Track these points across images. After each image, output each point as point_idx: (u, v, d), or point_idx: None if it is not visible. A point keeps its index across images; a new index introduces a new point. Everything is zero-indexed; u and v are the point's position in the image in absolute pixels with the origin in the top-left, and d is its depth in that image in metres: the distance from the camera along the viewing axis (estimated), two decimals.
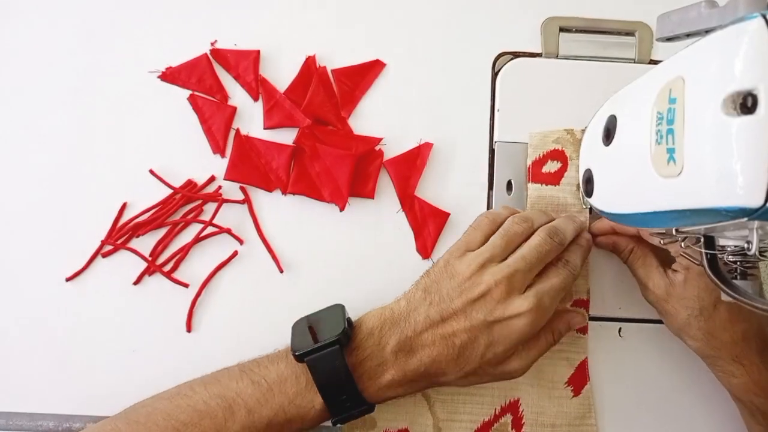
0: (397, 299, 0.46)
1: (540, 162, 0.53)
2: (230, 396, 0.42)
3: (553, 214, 0.51)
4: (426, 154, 0.54)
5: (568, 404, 0.51)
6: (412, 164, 0.54)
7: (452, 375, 0.44)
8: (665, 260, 0.48)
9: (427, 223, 0.53)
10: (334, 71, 0.55)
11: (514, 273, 0.44)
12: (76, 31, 0.56)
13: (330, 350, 0.42)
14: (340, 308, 0.46)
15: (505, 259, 0.45)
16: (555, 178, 0.52)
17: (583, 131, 0.50)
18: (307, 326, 0.45)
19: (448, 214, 0.53)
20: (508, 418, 0.51)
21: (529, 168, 0.53)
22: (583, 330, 0.52)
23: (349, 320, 0.45)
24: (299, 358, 0.42)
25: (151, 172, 0.53)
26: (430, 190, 0.54)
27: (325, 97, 0.54)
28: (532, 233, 0.47)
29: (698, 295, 0.45)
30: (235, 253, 0.52)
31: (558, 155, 0.53)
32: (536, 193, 0.52)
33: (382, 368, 0.43)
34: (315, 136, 0.54)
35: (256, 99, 0.55)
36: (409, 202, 0.53)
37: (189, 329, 0.51)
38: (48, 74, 0.55)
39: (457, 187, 0.54)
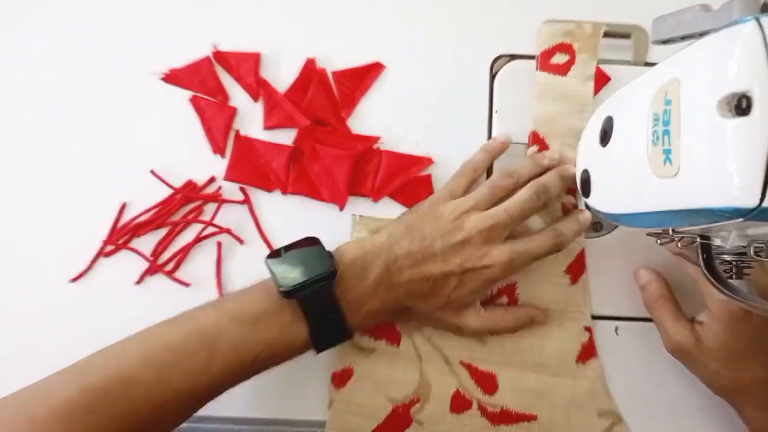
0: (377, 231, 0.48)
1: (549, 53, 0.54)
2: (211, 333, 0.41)
3: (559, 99, 0.53)
4: (422, 167, 0.54)
5: (566, 291, 0.52)
6: (406, 170, 0.54)
7: (420, 310, 0.47)
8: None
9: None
10: (334, 73, 0.55)
11: (495, 225, 0.45)
12: (78, 32, 0.56)
13: (321, 285, 0.43)
14: (317, 241, 0.46)
15: (488, 209, 0.47)
16: (563, 69, 0.53)
17: (593, 25, 0.53)
18: (288, 261, 0.44)
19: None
20: (503, 300, 0.52)
21: (538, 57, 0.54)
22: None
23: (329, 252, 0.46)
24: (288, 294, 0.42)
25: (153, 172, 0.53)
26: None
27: (325, 98, 0.54)
28: (519, 188, 0.48)
29: (726, 344, 0.45)
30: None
31: (566, 48, 0.54)
32: (544, 80, 0.53)
33: (363, 299, 0.44)
34: (314, 137, 0.54)
35: (256, 100, 0.55)
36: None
37: None
38: (50, 76, 0.55)
39: None
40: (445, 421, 0.51)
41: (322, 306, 0.43)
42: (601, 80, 0.54)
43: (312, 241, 0.46)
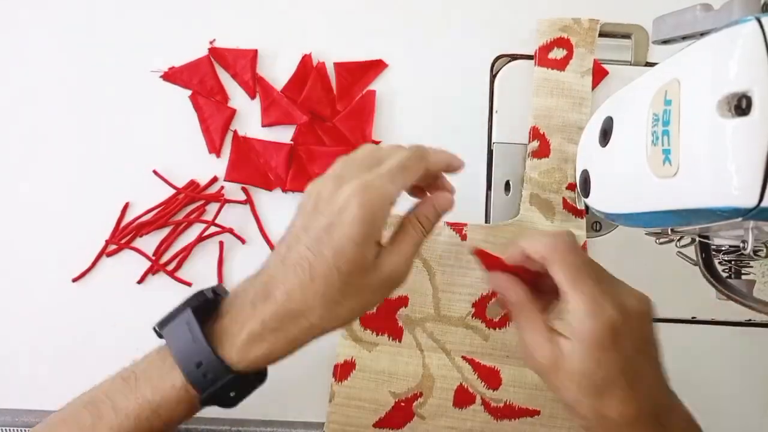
0: None
1: (547, 48, 0.54)
2: (99, 398, 0.38)
3: (557, 94, 0.53)
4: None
5: None
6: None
7: (319, 309, 0.37)
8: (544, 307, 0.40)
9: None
10: (335, 64, 0.55)
11: (342, 168, 0.38)
12: (78, 32, 0.56)
13: (181, 316, 0.38)
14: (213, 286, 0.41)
15: None
16: (560, 64, 0.54)
17: (590, 20, 0.53)
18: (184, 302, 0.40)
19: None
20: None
21: (535, 52, 0.54)
22: (580, 214, 0.52)
23: (224, 291, 0.41)
24: (157, 333, 0.38)
25: (155, 172, 0.54)
26: None
27: (323, 92, 0.55)
28: None
29: (592, 372, 0.36)
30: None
31: (564, 43, 0.54)
32: (542, 75, 0.54)
33: (240, 324, 0.37)
34: (312, 133, 0.54)
35: (253, 97, 0.55)
36: None
37: None
38: (50, 75, 0.55)
39: (456, 188, 0.54)
40: (448, 416, 0.51)
41: (184, 337, 0.37)
42: (600, 74, 0.54)
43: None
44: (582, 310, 0.36)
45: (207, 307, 0.39)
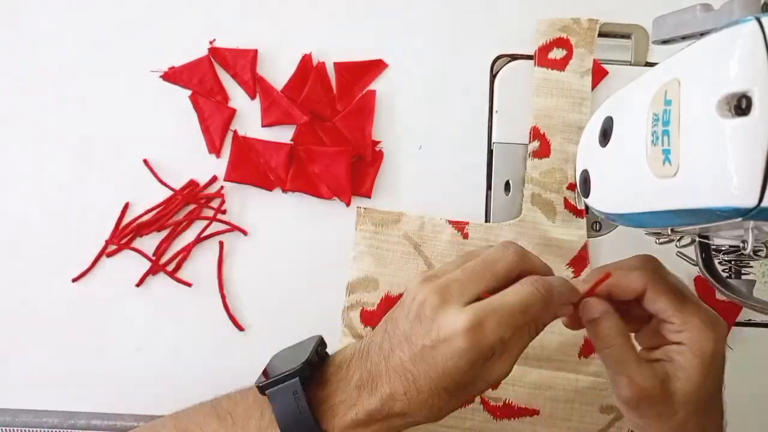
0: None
1: (546, 48, 0.54)
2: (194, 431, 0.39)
3: (557, 94, 0.53)
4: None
5: None
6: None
7: (425, 413, 0.37)
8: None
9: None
10: (335, 64, 0.55)
11: (450, 283, 0.36)
12: (78, 32, 0.56)
13: (289, 383, 0.38)
14: (314, 339, 0.42)
15: None
16: (560, 65, 0.54)
17: (589, 20, 0.53)
18: (287, 350, 0.42)
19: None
20: None
21: (535, 52, 0.54)
22: (581, 214, 0.53)
23: (324, 353, 0.42)
24: (261, 391, 0.39)
25: (154, 173, 0.54)
26: (429, 190, 0.54)
27: (323, 92, 0.55)
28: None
29: (703, 387, 0.37)
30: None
31: (563, 43, 0.54)
32: (542, 75, 0.54)
33: (345, 405, 0.38)
34: (312, 133, 0.54)
35: (253, 97, 0.55)
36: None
37: (241, 328, 0.52)
38: (50, 75, 0.55)
39: (456, 188, 0.55)
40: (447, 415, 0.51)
41: (291, 406, 0.38)
42: (599, 74, 0.54)
43: (310, 341, 0.42)
44: (698, 328, 0.36)
45: (311, 365, 0.39)
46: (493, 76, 0.56)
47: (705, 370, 0.36)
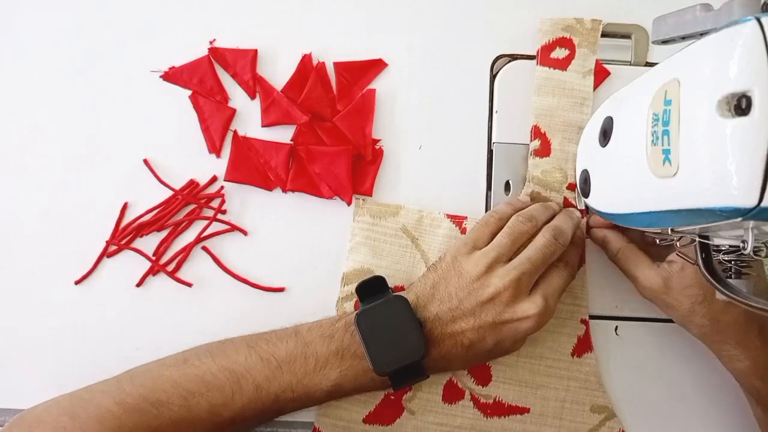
0: (405, 292, 0.47)
1: (549, 47, 0.54)
2: (239, 370, 0.43)
3: (559, 93, 0.53)
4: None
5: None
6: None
7: (458, 367, 0.50)
8: (657, 256, 0.48)
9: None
10: (335, 64, 0.55)
11: (521, 276, 0.45)
12: (78, 31, 0.56)
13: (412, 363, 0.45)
14: (385, 286, 0.48)
15: (511, 258, 0.46)
16: (563, 64, 0.54)
17: (592, 20, 0.54)
18: (380, 339, 0.45)
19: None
20: None
21: (538, 51, 0.54)
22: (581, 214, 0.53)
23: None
24: (384, 374, 0.44)
25: (154, 173, 0.54)
26: (429, 189, 0.54)
27: (323, 92, 0.55)
28: (537, 231, 0.48)
29: (699, 282, 0.45)
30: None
31: (566, 43, 0.54)
32: (544, 74, 0.54)
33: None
34: (312, 133, 0.54)
35: (253, 97, 0.55)
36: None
37: None
38: (50, 75, 0.55)
39: (456, 188, 0.55)
40: (437, 411, 0.51)
41: (407, 375, 0.46)
42: (602, 74, 0.54)
43: (379, 285, 0.48)
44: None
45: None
46: (493, 76, 0.56)
47: (691, 270, 0.45)
